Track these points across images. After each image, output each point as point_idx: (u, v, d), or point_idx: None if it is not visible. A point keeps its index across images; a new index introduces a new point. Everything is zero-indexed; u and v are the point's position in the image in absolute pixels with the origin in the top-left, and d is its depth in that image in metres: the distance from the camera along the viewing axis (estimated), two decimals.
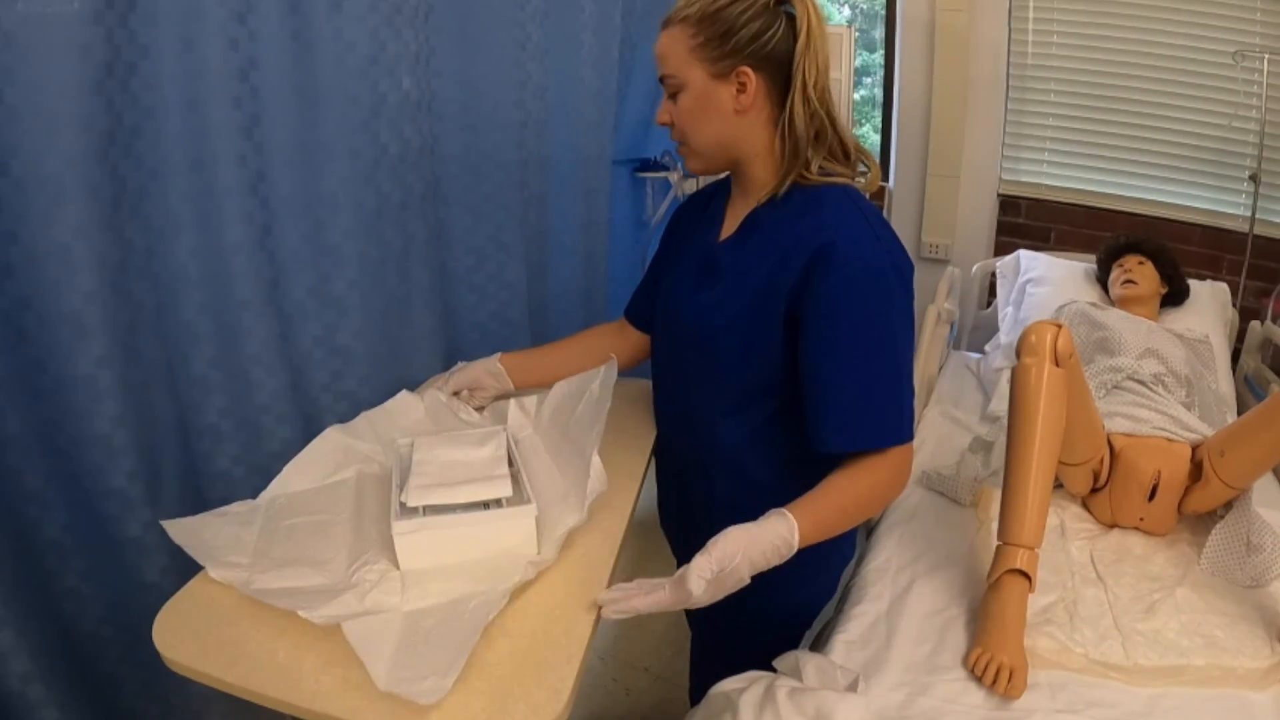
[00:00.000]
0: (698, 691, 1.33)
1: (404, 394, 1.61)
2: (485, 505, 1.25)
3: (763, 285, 1.29)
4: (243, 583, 1.13)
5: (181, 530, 1.21)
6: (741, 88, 1.25)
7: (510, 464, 1.35)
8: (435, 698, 0.95)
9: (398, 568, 1.18)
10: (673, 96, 1.30)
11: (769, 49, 1.23)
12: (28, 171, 1.18)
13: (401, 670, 0.99)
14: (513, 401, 1.60)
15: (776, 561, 1.17)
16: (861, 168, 1.35)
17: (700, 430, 1.43)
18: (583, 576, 1.20)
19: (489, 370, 1.64)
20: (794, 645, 1.55)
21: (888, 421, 1.25)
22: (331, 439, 1.45)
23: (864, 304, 1.22)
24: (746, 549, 1.15)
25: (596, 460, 1.26)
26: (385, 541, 1.21)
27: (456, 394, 1.64)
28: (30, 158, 1.17)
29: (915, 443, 2.27)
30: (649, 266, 1.67)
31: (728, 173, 1.44)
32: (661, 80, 1.30)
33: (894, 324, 1.24)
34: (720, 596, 1.15)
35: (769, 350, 1.31)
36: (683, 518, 1.38)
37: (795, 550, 1.18)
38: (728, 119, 1.28)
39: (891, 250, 1.25)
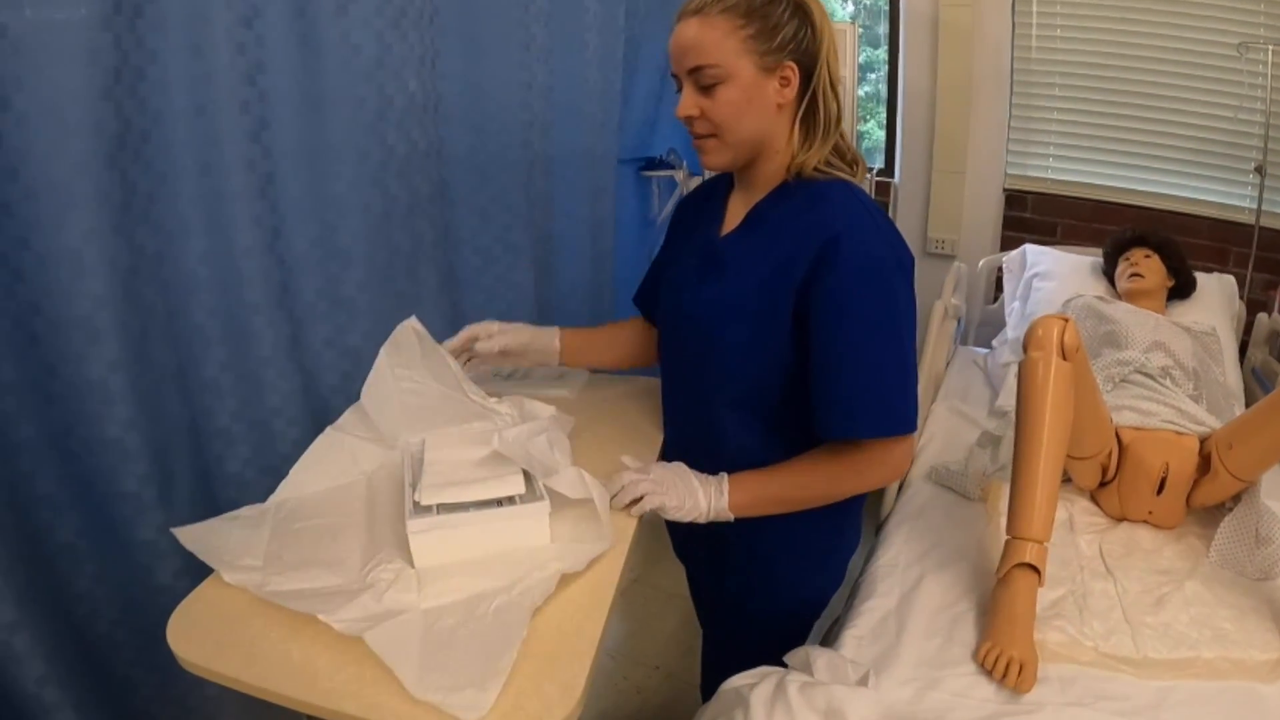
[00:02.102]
0: (710, 689, 1.33)
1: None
2: (499, 502, 1.25)
3: (769, 279, 1.30)
4: (257, 585, 1.13)
5: (192, 536, 1.21)
6: (785, 82, 1.25)
7: None
8: (478, 714, 0.94)
9: (412, 566, 1.19)
10: (706, 89, 1.24)
11: (804, 46, 1.24)
12: (38, 177, 1.19)
13: (433, 675, 0.99)
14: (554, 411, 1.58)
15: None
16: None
17: (707, 424, 1.43)
18: (593, 575, 1.20)
19: (544, 347, 1.60)
20: (804, 640, 1.57)
21: (896, 410, 1.27)
22: (335, 439, 1.43)
23: (872, 296, 1.24)
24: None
25: (573, 473, 1.28)
26: (399, 541, 1.22)
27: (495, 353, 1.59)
28: (40, 164, 1.18)
29: (924, 438, 2.31)
30: (654, 260, 1.66)
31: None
32: (692, 72, 1.24)
33: (900, 315, 1.26)
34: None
35: (775, 343, 1.31)
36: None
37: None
38: (769, 113, 1.27)
39: (894, 244, 1.27)
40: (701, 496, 1.32)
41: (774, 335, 1.31)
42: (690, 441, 1.47)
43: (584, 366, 1.64)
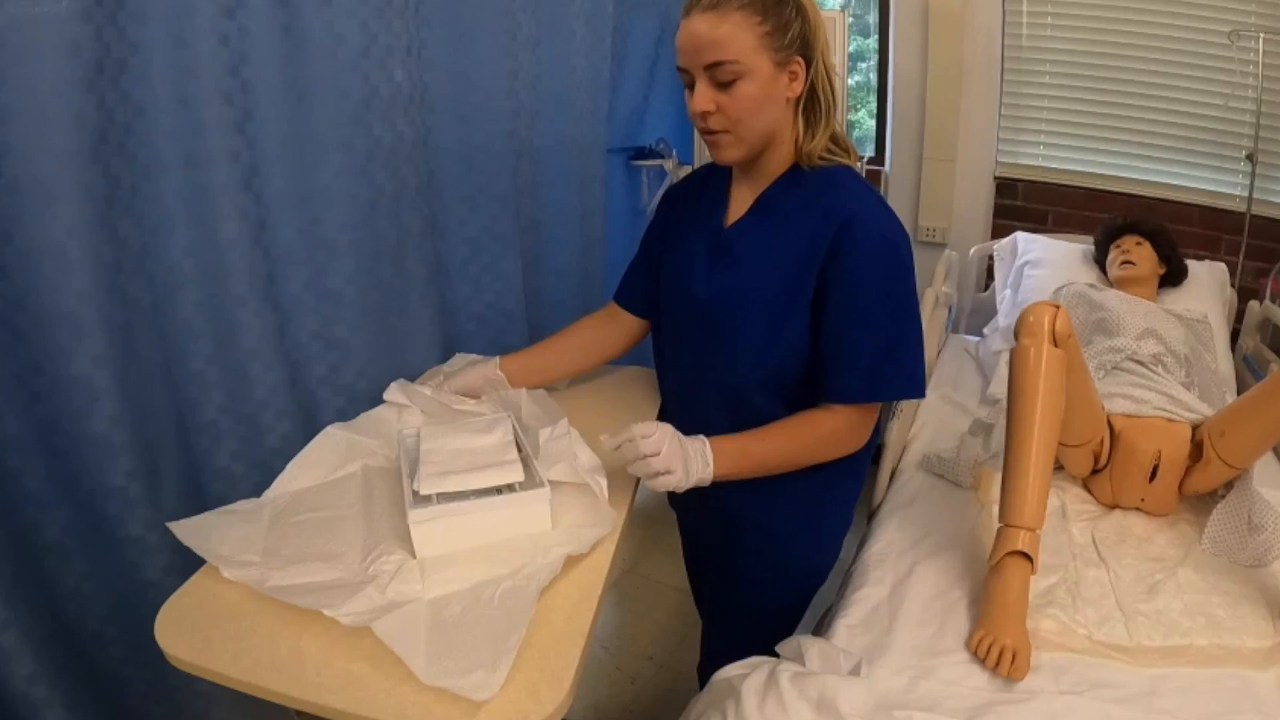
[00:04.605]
0: (708, 678, 1.34)
1: (394, 393, 1.60)
2: (498, 490, 1.25)
3: (788, 265, 1.35)
4: (257, 581, 1.13)
5: (188, 531, 1.21)
6: (793, 76, 1.29)
7: (519, 449, 1.35)
8: (488, 694, 0.95)
9: (414, 556, 1.19)
10: (723, 85, 1.26)
11: (806, 41, 1.28)
12: (20, 171, 1.17)
13: (441, 661, 0.99)
14: (525, 392, 1.61)
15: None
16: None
17: (734, 405, 1.46)
18: (584, 566, 1.21)
19: (488, 377, 1.64)
20: (799, 618, 1.63)
21: (913, 375, 1.38)
22: (333, 435, 1.45)
23: (886, 272, 1.32)
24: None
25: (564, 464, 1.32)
26: (399, 532, 1.22)
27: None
28: (22, 157, 1.17)
29: (915, 426, 2.31)
30: (640, 251, 1.69)
31: None
32: (709, 67, 1.25)
33: (912, 289, 1.35)
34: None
35: (796, 325, 1.36)
36: (703, 493, 1.40)
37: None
38: (780, 108, 1.32)
39: (899, 225, 1.35)
40: (694, 464, 1.32)
41: (794, 318, 1.36)
42: (710, 423, 1.47)
43: (535, 387, 1.66)
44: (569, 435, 1.39)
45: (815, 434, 1.39)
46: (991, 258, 3.12)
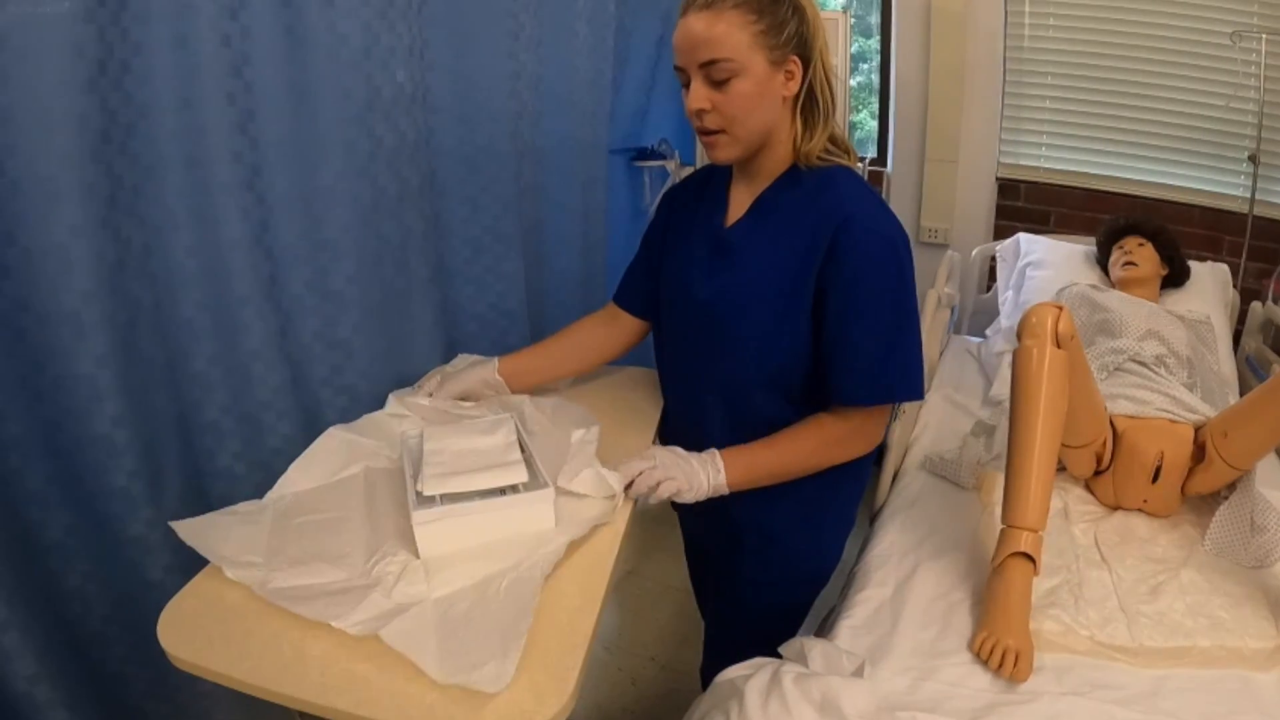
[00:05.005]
0: (711, 680, 1.35)
1: (394, 407, 1.59)
2: (502, 491, 1.25)
3: (789, 264, 1.35)
4: (259, 583, 1.12)
5: (191, 530, 1.20)
6: (789, 75, 1.30)
7: (522, 450, 1.35)
8: (501, 684, 0.96)
9: (417, 557, 1.19)
10: (718, 83, 1.27)
11: (803, 40, 1.29)
12: (23, 172, 1.17)
13: (453, 659, 0.99)
14: (528, 399, 1.61)
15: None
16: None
17: (735, 405, 1.47)
18: (586, 567, 1.20)
19: (486, 381, 1.64)
20: (802, 619, 1.63)
21: (914, 377, 1.37)
22: (336, 436, 1.45)
23: (886, 272, 1.31)
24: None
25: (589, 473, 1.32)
26: (402, 533, 1.22)
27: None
28: (25, 158, 1.17)
29: (918, 428, 2.31)
30: (640, 252, 1.69)
31: None
32: (705, 65, 1.26)
33: (911, 289, 1.35)
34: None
35: (798, 324, 1.37)
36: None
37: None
38: (776, 106, 1.32)
39: (898, 225, 1.35)
40: (702, 476, 1.35)
41: (797, 317, 1.36)
42: (714, 424, 1.50)
43: (534, 388, 1.66)
44: (596, 443, 1.40)
45: (821, 438, 1.40)
46: (994, 259, 3.12)
